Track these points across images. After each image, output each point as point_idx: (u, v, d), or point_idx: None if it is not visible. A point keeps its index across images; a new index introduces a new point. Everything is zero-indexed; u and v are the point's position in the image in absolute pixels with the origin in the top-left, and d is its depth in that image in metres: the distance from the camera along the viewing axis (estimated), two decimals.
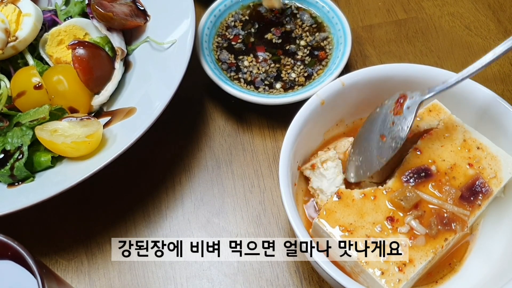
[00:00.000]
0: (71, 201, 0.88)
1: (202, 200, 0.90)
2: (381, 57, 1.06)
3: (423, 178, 0.73)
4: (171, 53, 0.90)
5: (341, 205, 0.72)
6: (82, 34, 0.98)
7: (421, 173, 0.74)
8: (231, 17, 1.04)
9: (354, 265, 0.69)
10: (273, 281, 0.82)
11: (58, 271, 0.84)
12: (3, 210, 0.75)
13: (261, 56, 0.99)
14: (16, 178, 0.82)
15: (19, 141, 0.84)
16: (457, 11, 1.12)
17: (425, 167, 0.74)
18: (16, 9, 0.93)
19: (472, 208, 0.72)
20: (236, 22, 1.04)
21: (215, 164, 0.94)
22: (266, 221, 0.87)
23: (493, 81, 1.02)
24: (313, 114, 0.78)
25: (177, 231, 0.87)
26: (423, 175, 0.73)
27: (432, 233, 0.69)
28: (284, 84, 0.95)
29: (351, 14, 1.12)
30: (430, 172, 0.74)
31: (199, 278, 0.82)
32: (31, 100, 0.88)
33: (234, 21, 1.04)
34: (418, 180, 0.73)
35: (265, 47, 1.00)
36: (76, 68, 0.89)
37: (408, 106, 0.73)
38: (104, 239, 0.86)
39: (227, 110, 1.00)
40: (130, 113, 0.87)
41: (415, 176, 0.73)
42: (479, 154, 0.75)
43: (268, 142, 0.95)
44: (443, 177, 0.73)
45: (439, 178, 0.73)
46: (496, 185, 0.73)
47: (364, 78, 0.81)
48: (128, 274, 0.83)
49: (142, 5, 0.99)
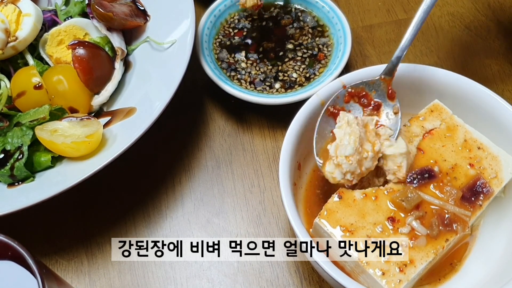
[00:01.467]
0: (71, 201, 0.88)
1: (202, 200, 0.90)
2: (381, 57, 1.06)
3: (426, 179, 0.73)
4: (171, 53, 0.90)
5: (342, 205, 0.72)
6: (82, 34, 0.98)
7: (424, 174, 0.74)
8: (237, 15, 1.04)
9: (355, 265, 0.69)
10: (273, 281, 0.82)
11: (58, 271, 0.84)
12: (3, 210, 0.75)
13: (261, 55, 0.99)
14: (16, 178, 0.82)
15: (19, 141, 0.84)
16: (457, 11, 1.12)
17: (428, 168, 0.74)
18: (16, 9, 0.93)
19: (473, 209, 0.72)
20: (242, 19, 1.04)
21: (215, 164, 0.94)
22: (266, 221, 0.87)
23: (493, 81, 1.02)
24: (313, 114, 0.78)
25: (177, 231, 0.87)
26: (426, 176, 0.73)
27: (433, 233, 0.69)
28: (284, 84, 0.95)
29: (351, 14, 1.12)
30: (434, 173, 0.74)
31: (199, 278, 0.82)
32: (31, 100, 0.88)
33: (240, 18, 1.04)
34: (422, 181, 0.73)
35: (266, 46, 1.00)
36: (76, 68, 0.89)
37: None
38: (104, 239, 0.86)
39: (227, 110, 1.00)
40: (130, 113, 0.87)
41: (418, 177, 0.73)
42: (480, 154, 0.75)
43: (268, 142, 0.95)
44: (444, 177, 0.73)
45: (441, 179, 0.73)
46: (497, 185, 0.73)
47: (364, 78, 0.81)
48: (128, 274, 0.83)
49: (142, 5, 0.99)
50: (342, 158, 0.71)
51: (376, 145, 0.73)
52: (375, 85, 0.78)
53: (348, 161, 0.71)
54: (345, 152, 0.71)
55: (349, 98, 0.78)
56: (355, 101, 0.79)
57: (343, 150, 0.71)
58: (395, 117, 0.77)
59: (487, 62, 1.04)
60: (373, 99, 0.78)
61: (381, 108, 0.78)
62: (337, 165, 0.72)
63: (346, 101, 0.78)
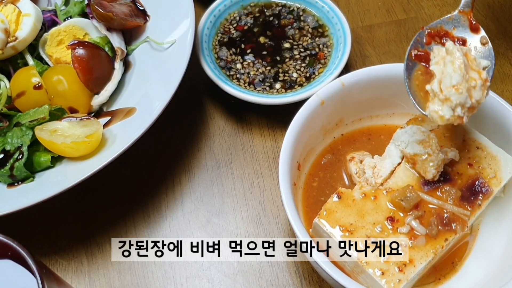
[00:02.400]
0: (71, 201, 0.88)
1: (202, 200, 0.90)
2: (380, 57, 1.06)
3: (441, 183, 0.73)
4: (171, 53, 0.90)
5: (342, 205, 0.72)
6: (82, 34, 0.98)
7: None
8: (237, 13, 1.04)
9: (354, 265, 0.69)
10: (273, 281, 0.82)
11: (58, 271, 0.84)
12: (3, 210, 0.75)
13: (261, 55, 0.99)
14: (16, 178, 0.82)
15: (19, 141, 0.84)
16: None
17: (445, 171, 0.73)
18: (16, 9, 0.93)
19: (472, 208, 0.72)
20: (243, 16, 1.04)
21: (215, 164, 0.94)
22: (266, 221, 0.87)
23: (493, 81, 1.01)
24: (313, 114, 0.78)
25: (177, 231, 0.87)
26: (441, 180, 0.73)
27: (433, 233, 0.69)
28: (284, 84, 0.95)
29: (351, 14, 1.12)
30: (449, 177, 0.73)
31: (199, 278, 0.82)
32: (31, 100, 0.88)
33: (240, 16, 1.04)
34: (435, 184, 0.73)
35: (266, 45, 1.00)
36: (76, 68, 0.89)
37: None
38: (104, 239, 0.86)
39: (227, 110, 1.00)
40: (130, 113, 0.87)
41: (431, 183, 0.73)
42: (478, 154, 0.75)
43: (268, 142, 0.95)
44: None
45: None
46: (496, 185, 0.73)
47: (363, 78, 0.81)
48: (128, 274, 0.83)
49: (142, 5, 0.99)
50: (450, 89, 0.63)
51: (482, 73, 0.66)
52: (454, 22, 0.72)
53: (458, 91, 0.63)
54: (451, 81, 0.63)
55: (429, 40, 0.72)
56: (436, 41, 0.72)
57: (449, 80, 0.63)
58: (485, 48, 0.71)
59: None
60: (455, 37, 0.72)
61: (466, 44, 0.72)
62: (444, 100, 0.64)
63: (427, 43, 0.72)
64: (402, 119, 0.84)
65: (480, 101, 0.65)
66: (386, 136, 0.84)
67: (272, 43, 1.01)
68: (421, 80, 0.70)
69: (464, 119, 0.65)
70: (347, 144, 0.86)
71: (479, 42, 0.72)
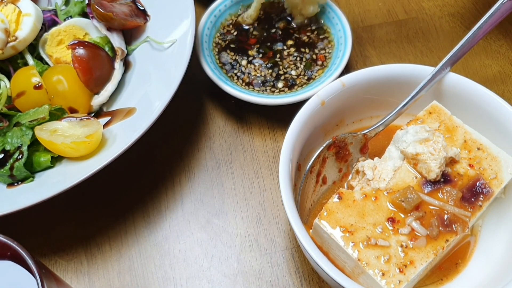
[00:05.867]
0: (71, 201, 0.88)
1: (202, 200, 0.90)
2: (381, 57, 1.06)
3: (442, 184, 0.73)
4: (171, 53, 0.90)
5: (342, 206, 0.72)
6: (82, 34, 0.98)
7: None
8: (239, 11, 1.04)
9: (355, 266, 0.69)
10: (273, 281, 0.82)
11: (58, 272, 0.84)
12: (3, 210, 0.75)
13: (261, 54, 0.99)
14: (16, 178, 0.82)
15: (18, 141, 0.84)
16: (458, 11, 1.12)
17: (446, 172, 0.74)
18: (16, 9, 0.93)
19: (473, 209, 0.72)
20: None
21: (215, 165, 0.93)
22: (266, 221, 0.87)
23: (493, 81, 1.02)
24: (313, 114, 0.78)
25: (177, 232, 0.87)
26: (442, 181, 0.73)
27: (433, 234, 0.69)
28: (286, 82, 0.95)
29: (352, 15, 1.12)
30: (450, 178, 0.73)
31: (198, 278, 0.82)
32: (30, 100, 0.88)
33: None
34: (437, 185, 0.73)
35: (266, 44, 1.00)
36: (76, 68, 0.89)
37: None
38: (103, 239, 0.86)
39: (227, 110, 1.00)
40: (130, 113, 0.87)
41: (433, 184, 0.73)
42: (479, 154, 0.75)
43: (268, 143, 0.95)
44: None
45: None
46: (497, 185, 0.73)
47: (364, 79, 0.81)
48: (128, 274, 0.83)
49: (142, 5, 0.99)
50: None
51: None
52: (355, 139, 0.80)
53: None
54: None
55: (332, 148, 0.79)
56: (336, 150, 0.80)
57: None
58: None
59: (487, 63, 1.04)
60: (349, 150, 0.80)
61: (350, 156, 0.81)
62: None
63: (330, 150, 0.79)
64: (402, 120, 0.84)
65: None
66: (386, 136, 0.84)
67: (272, 43, 1.01)
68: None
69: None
70: None
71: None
